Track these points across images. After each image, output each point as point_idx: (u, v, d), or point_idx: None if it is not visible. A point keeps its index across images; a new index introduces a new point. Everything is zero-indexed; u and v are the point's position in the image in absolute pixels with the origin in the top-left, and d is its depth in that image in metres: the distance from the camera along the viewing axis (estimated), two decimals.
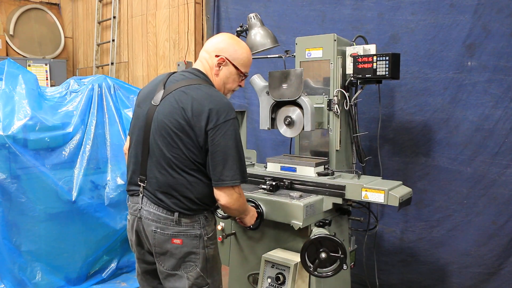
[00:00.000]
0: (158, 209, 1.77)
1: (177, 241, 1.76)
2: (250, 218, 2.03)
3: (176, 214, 1.75)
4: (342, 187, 2.13)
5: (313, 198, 2.13)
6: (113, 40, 5.64)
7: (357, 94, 2.53)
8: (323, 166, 2.37)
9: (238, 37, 2.81)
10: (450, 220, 2.83)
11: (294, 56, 2.63)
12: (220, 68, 1.86)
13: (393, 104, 2.99)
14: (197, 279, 1.80)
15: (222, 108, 1.70)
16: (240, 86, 1.97)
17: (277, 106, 2.43)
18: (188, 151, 1.71)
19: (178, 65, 4.70)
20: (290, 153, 2.81)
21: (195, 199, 1.76)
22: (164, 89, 1.81)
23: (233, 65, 1.87)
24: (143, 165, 1.80)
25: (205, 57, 1.88)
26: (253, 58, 2.83)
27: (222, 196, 1.73)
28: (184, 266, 1.79)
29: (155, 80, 1.94)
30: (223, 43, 1.87)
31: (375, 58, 2.32)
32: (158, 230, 1.77)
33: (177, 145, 1.71)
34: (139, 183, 1.83)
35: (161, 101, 1.78)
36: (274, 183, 2.23)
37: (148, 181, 1.79)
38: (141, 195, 1.82)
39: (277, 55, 2.83)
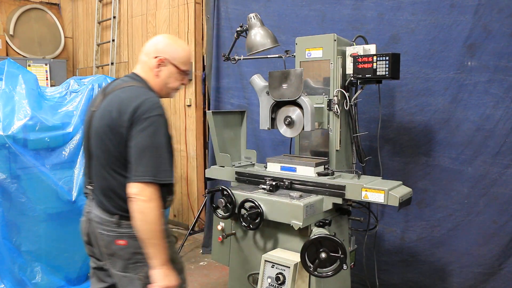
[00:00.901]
0: (102, 212, 1.80)
1: (121, 242, 1.76)
2: (166, 274, 1.71)
3: (116, 216, 1.76)
4: (342, 187, 2.12)
5: (313, 198, 2.12)
6: (113, 40, 5.64)
7: (357, 94, 2.52)
8: (323, 166, 2.36)
9: (238, 37, 2.81)
10: (451, 220, 2.83)
11: (294, 56, 2.63)
12: (160, 68, 1.86)
13: (393, 104, 2.99)
14: (148, 278, 1.77)
15: (146, 106, 1.69)
16: (183, 84, 1.96)
17: (277, 106, 2.42)
18: (118, 151, 1.72)
19: None
20: (290, 153, 2.80)
21: None
22: (103, 95, 1.86)
23: (173, 64, 1.87)
24: (89, 168, 1.86)
25: (145, 60, 1.89)
26: (253, 58, 2.87)
27: (131, 189, 1.65)
28: (133, 267, 1.78)
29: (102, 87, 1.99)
30: (161, 44, 1.88)
31: (375, 58, 2.32)
32: (104, 232, 1.79)
33: (108, 146, 1.74)
34: (87, 186, 1.88)
35: (98, 106, 1.83)
36: (274, 183, 2.23)
37: (94, 184, 1.84)
38: (90, 197, 1.87)
39: (277, 55, 2.83)
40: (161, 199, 1.70)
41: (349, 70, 2.45)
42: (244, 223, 2.17)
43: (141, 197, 1.64)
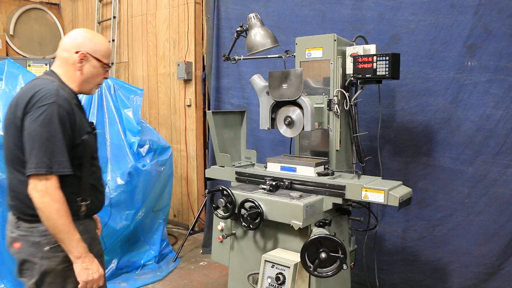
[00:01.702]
0: (9, 211, 1.75)
1: (16, 245, 1.68)
2: (84, 268, 1.64)
3: (15, 216, 1.69)
4: (342, 187, 2.12)
5: (313, 198, 2.12)
6: (113, 40, 5.64)
7: (357, 94, 2.52)
8: (323, 166, 2.36)
9: (238, 37, 2.81)
10: (451, 220, 2.83)
11: (294, 56, 2.63)
12: (83, 63, 1.77)
13: (394, 104, 2.99)
14: None
15: (40, 94, 1.61)
16: (105, 78, 1.90)
17: (277, 106, 2.42)
18: (15, 147, 1.65)
19: (178, 65, 4.71)
20: (290, 153, 2.80)
21: (29, 202, 1.61)
22: None
23: (95, 58, 1.80)
24: None
25: (64, 56, 1.78)
26: (253, 58, 2.86)
27: (29, 185, 1.58)
28: (25, 273, 1.69)
29: None
30: (80, 38, 1.79)
31: (375, 58, 2.32)
32: (7, 233, 1.74)
33: (8, 142, 1.69)
34: None
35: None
36: (274, 183, 2.23)
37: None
38: None
39: (277, 55, 2.83)
40: (59, 191, 1.59)
41: (349, 70, 2.45)
42: (244, 223, 2.17)
43: (35, 192, 1.57)
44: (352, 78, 2.44)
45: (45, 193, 1.57)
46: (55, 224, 1.59)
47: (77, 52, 1.76)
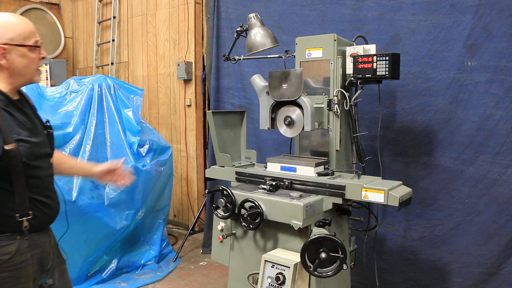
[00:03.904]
0: None
1: None
2: None
3: None
4: (342, 187, 2.12)
5: (313, 198, 2.12)
6: (113, 40, 5.64)
7: (357, 94, 2.52)
8: (323, 166, 2.36)
9: (238, 37, 2.81)
10: (452, 219, 2.83)
11: (294, 56, 2.63)
12: (5, 58, 1.52)
13: (394, 104, 2.99)
14: None
15: None
16: (43, 58, 1.64)
17: (277, 106, 2.42)
18: None
19: (178, 65, 4.71)
20: (290, 153, 2.80)
21: None
22: None
23: (17, 45, 1.53)
24: None
25: None
26: (253, 58, 2.86)
27: None
28: None
29: None
30: None
31: (375, 58, 2.32)
32: None
33: None
34: None
35: None
36: (274, 183, 2.23)
37: None
38: None
39: (277, 55, 2.83)
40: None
41: (349, 70, 2.45)
42: (244, 223, 2.17)
43: None
44: (352, 78, 2.44)
45: None
46: None
47: None
